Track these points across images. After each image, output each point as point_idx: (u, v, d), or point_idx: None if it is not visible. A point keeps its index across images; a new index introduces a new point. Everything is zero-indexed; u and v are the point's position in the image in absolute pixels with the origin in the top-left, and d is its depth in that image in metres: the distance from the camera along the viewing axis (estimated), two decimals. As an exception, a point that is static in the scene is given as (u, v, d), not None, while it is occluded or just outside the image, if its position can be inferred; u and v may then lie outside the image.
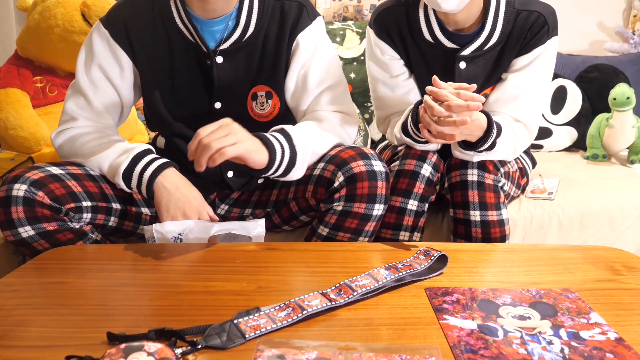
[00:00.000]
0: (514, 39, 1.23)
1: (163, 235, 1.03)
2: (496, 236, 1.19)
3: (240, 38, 1.16)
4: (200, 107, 1.19)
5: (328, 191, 1.07)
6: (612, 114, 1.82)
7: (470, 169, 1.18)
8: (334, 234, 1.08)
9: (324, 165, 1.09)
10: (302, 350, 0.63)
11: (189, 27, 1.14)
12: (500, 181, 1.21)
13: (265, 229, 1.07)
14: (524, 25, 1.22)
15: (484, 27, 1.22)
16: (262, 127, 1.20)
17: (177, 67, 1.17)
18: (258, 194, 1.24)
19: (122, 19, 1.15)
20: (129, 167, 1.07)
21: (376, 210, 1.06)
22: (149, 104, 1.21)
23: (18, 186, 0.98)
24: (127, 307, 0.77)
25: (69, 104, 1.18)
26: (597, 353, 0.65)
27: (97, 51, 1.16)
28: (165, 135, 1.26)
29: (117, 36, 1.15)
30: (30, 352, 0.65)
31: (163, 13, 1.15)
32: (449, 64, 1.26)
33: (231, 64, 1.17)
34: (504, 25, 1.22)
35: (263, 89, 1.20)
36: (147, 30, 1.15)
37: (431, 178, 1.20)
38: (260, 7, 1.17)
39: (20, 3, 1.80)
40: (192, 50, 1.16)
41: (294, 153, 1.04)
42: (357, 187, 1.04)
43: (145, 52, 1.16)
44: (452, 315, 0.73)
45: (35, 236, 1.00)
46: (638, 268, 0.91)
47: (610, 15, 2.46)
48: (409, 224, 1.20)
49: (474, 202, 1.18)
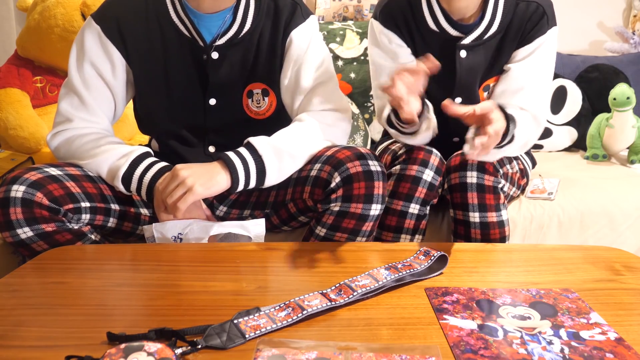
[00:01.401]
0: (514, 30, 1.25)
1: (163, 234, 1.03)
2: (496, 237, 1.19)
3: (237, 34, 1.16)
4: (195, 104, 1.19)
5: (325, 192, 1.07)
6: (612, 114, 1.82)
7: (469, 171, 1.18)
8: (332, 235, 1.08)
9: (320, 166, 1.09)
10: (302, 350, 0.63)
11: (185, 20, 1.13)
12: (500, 182, 1.21)
13: (265, 229, 1.07)
14: (523, 16, 1.25)
15: (484, 17, 1.24)
16: (258, 125, 1.21)
17: (171, 62, 1.16)
18: (256, 195, 1.24)
19: (114, 14, 1.14)
20: (128, 171, 1.07)
21: (373, 210, 1.06)
22: (141, 101, 1.20)
23: (16, 187, 0.97)
24: (127, 307, 0.77)
25: (63, 105, 1.17)
26: (597, 353, 0.65)
27: (88, 48, 1.15)
28: (158, 137, 1.25)
29: (109, 32, 1.14)
30: (30, 352, 0.65)
31: (157, 7, 1.14)
32: (450, 54, 1.26)
33: (226, 60, 1.16)
34: (503, 15, 1.25)
35: (259, 87, 1.20)
36: (140, 25, 1.15)
37: (433, 182, 1.19)
38: (257, 5, 1.17)
39: (20, 3, 1.80)
40: (186, 44, 1.15)
41: (261, 163, 1.05)
42: (354, 187, 1.04)
43: (138, 47, 1.15)
44: (452, 315, 0.73)
45: (33, 237, 1.00)
46: (638, 268, 0.90)
47: (610, 15, 2.46)
48: (410, 227, 1.20)
49: (474, 203, 1.18)
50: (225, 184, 1.02)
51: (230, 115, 1.20)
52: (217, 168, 1.02)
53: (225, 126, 1.21)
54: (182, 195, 0.99)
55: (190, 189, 0.98)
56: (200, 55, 1.15)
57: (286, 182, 1.14)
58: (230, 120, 1.21)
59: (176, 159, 1.19)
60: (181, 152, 1.21)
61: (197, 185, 0.99)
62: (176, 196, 0.99)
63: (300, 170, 1.13)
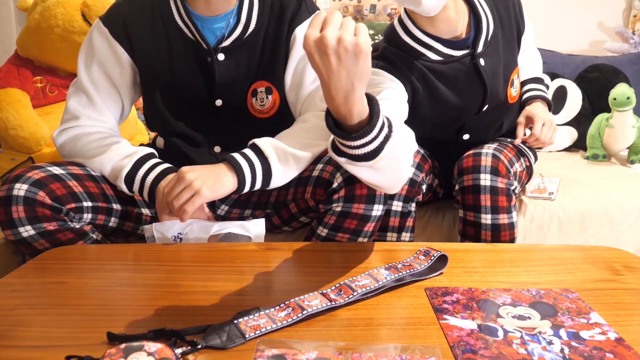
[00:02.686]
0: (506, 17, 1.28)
1: (163, 234, 1.03)
2: (505, 239, 1.19)
3: (242, 35, 1.16)
4: (201, 105, 1.19)
5: (327, 192, 1.07)
6: (612, 114, 1.82)
7: (483, 173, 1.18)
8: (333, 235, 1.08)
9: (322, 166, 1.09)
10: (302, 350, 0.63)
11: (189, 24, 1.14)
12: (512, 184, 1.21)
13: (265, 229, 1.07)
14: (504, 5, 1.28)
15: (479, 20, 1.22)
16: (262, 124, 1.20)
17: (177, 64, 1.17)
18: (257, 195, 1.24)
19: (122, 16, 1.16)
20: (131, 171, 1.07)
21: (375, 210, 1.06)
22: (148, 102, 1.21)
23: (19, 186, 0.98)
24: (127, 307, 0.77)
25: (71, 102, 1.18)
26: (597, 353, 0.65)
27: (97, 49, 1.16)
28: (164, 135, 1.26)
29: (116, 34, 1.15)
30: (30, 352, 0.65)
31: (162, 11, 1.15)
32: (473, 69, 1.22)
33: (232, 61, 1.17)
34: (491, 12, 1.25)
35: (263, 85, 1.20)
36: (146, 27, 1.16)
37: (414, 179, 1.18)
38: (261, 4, 1.17)
39: (21, 3, 1.80)
40: (191, 47, 1.16)
41: (267, 164, 1.04)
42: (356, 187, 1.04)
43: (145, 49, 1.16)
44: (452, 315, 0.73)
45: (35, 236, 1.00)
46: (638, 268, 0.90)
47: (610, 15, 2.47)
48: (395, 224, 1.19)
49: (486, 206, 1.18)
50: (231, 186, 1.01)
51: (235, 115, 1.20)
52: (224, 170, 1.01)
53: (230, 126, 1.21)
54: (189, 199, 0.97)
55: (197, 192, 0.97)
56: (205, 57, 1.15)
57: (287, 182, 1.14)
58: (235, 120, 1.21)
59: (181, 158, 1.19)
60: (187, 152, 1.21)
61: (204, 188, 0.97)
62: (183, 199, 0.97)
63: (302, 171, 1.13)
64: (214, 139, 1.22)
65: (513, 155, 1.29)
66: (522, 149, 1.38)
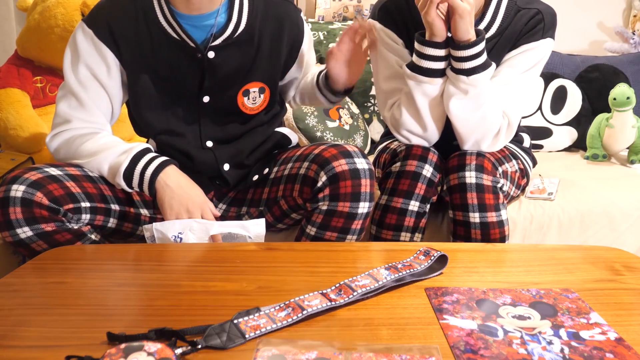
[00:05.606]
0: (508, 34, 1.24)
1: (163, 234, 1.03)
2: (496, 237, 1.19)
3: (232, 34, 1.16)
4: (188, 101, 1.19)
5: (313, 191, 1.08)
6: (612, 114, 1.82)
7: (468, 171, 1.18)
8: (322, 233, 1.09)
9: (307, 164, 1.10)
10: (302, 350, 0.63)
11: (173, 23, 1.13)
12: (499, 182, 1.21)
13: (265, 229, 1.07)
14: (520, 21, 1.23)
15: (482, 19, 1.22)
16: (250, 118, 1.23)
17: (162, 62, 1.16)
18: (252, 192, 1.25)
19: (105, 17, 1.14)
20: (129, 167, 1.07)
21: (361, 208, 1.06)
22: (135, 101, 1.20)
23: (16, 187, 0.98)
24: (127, 307, 0.77)
25: (61, 106, 1.16)
26: (597, 353, 0.65)
27: (82, 50, 1.14)
28: (154, 136, 1.25)
29: (101, 35, 1.14)
30: (30, 352, 0.65)
31: (145, 10, 1.14)
32: None
33: (223, 59, 1.16)
34: (503, 20, 1.23)
35: (257, 85, 1.21)
36: (130, 27, 1.14)
37: (432, 179, 1.20)
38: (250, 3, 1.18)
39: (20, 3, 1.80)
40: (176, 46, 1.15)
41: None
42: (340, 186, 1.04)
43: (130, 49, 1.15)
44: (452, 315, 0.73)
45: (33, 237, 1.00)
46: (638, 268, 0.90)
47: (610, 15, 2.47)
48: (410, 224, 1.20)
49: (473, 204, 1.18)
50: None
51: (222, 111, 1.21)
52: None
53: (219, 121, 1.22)
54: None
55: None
56: (195, 54, 1.15)
57: (278, 179, 1.15)
58: (224, 116, 1.21)
59: (175, 154, 1.19)
60: (180, 148, 1.21)
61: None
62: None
63: (291, 168, 1.15)
64: (204, 133, 1.22)
65: (503, 156, 1.29)
66: (515, 151, 1.38)
